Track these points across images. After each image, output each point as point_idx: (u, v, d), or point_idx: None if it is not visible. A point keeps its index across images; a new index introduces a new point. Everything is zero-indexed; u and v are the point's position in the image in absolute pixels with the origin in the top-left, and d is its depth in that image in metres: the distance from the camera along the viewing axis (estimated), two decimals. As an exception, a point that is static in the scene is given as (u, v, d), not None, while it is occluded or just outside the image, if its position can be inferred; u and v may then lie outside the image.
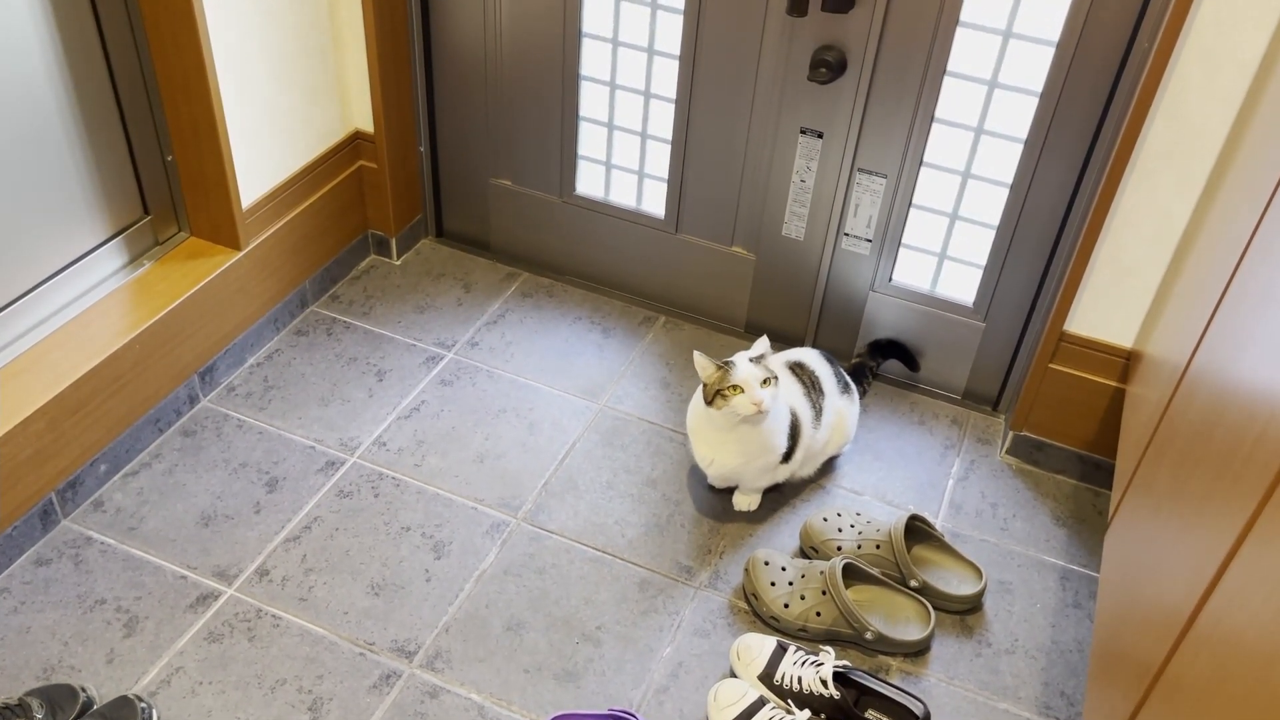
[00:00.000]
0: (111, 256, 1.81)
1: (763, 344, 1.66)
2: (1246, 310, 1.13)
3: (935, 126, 1.80)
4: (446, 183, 2.28)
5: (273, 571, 1.65)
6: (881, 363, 2.06)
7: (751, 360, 1.62)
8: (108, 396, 1.70)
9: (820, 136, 1.88)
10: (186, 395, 1.88)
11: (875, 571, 1.64)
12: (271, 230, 1.97)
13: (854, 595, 1.62)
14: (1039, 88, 1.69)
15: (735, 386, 1.59)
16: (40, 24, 1.56)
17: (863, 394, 1.97)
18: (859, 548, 1.68)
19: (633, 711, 1.45)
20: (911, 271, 1.99)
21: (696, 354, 1.61)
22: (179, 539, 1.68)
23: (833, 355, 1.90)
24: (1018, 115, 1.74)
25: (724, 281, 2.14)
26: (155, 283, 1.83)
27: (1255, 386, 0.99)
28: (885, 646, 1.59)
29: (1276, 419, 0.88)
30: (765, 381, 1.60)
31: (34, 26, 1.55)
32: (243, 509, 1.74)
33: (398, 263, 2.28)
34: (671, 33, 1.89)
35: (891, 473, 1.90)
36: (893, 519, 1.71)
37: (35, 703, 1.37)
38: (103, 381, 1.68)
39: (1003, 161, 1.79)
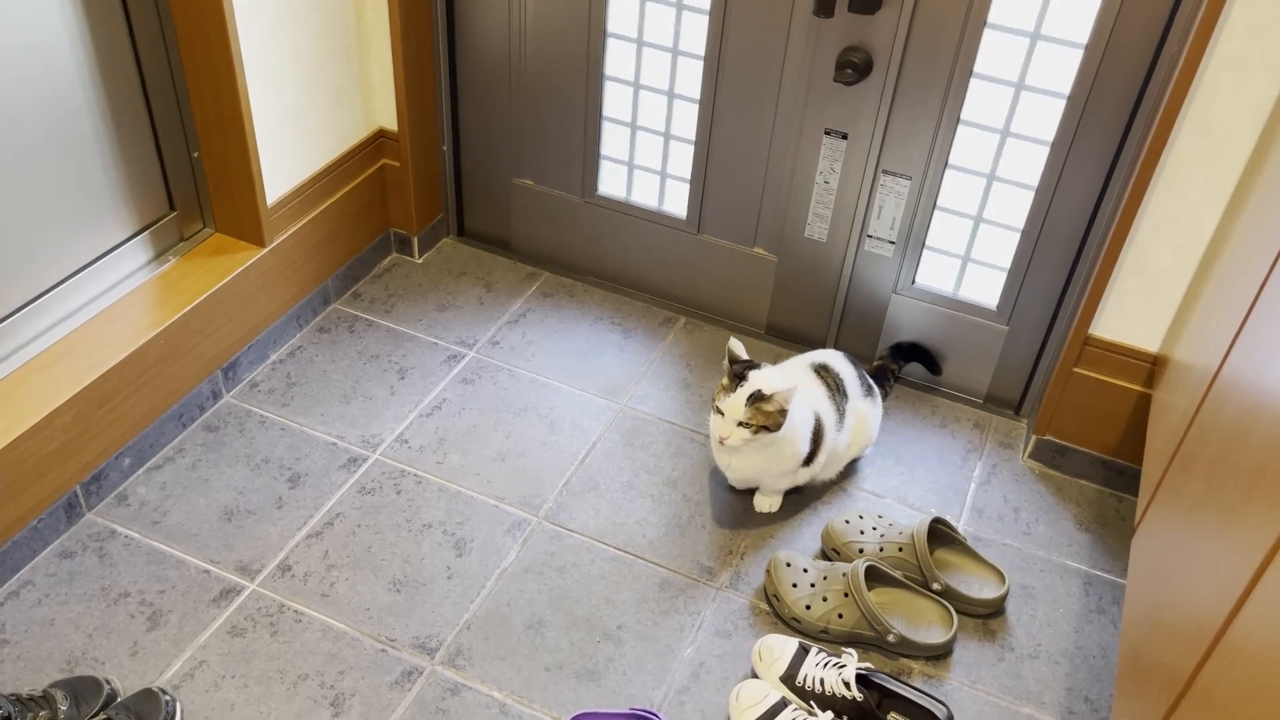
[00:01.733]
0: (137, 252, 1.82)
1: (790, 388, 1.55)
2: (1278, 318, 1.13)
3: (961, 128, 1.79)
4: (469, 182, 2.28)
5: (295, 567, 1.65)
6: (903, 366, 2.05)
7: (753, 398, 1.56)
8: (133, 391, 1.71)
9: (845, 138, 1.88)
10: (210, 391, 1.89)
11: (897, 574, 1.63)
12: (295, 227, 1.98)
13: (876, 598, 1.61)
14: (1066, 90, 1.68)
15: (719, 408, 1.59)
16: (71, 21, 1.57)
17: (884, 397, 1.97)
18: (881, 550, 1.68)
19: (655, 711, 1.45)
20: (935, 274, 1.98)
21: (732, 341, 1.61)
22: (202, 533, 1.69)
23: (855, 358, 1.89)
24: (1044, 118, 1.73)
25: (745, 283, 2.13)
26: (180, 279, 1.83)
27: None
28: (907, 649, 1.58)
29: None
30: (745, 425, 1.57)
31: (65, 23, 1.56)
32: (265, 505, 1.74)
33: (419, 261, 2.29)
34: (696, 33, 1.89)
35: (913, 476, 1.89)
36: (914, 522, 1.70)
37: (59, 694, 1.38)
38: (128, 376, 1.69)
39: (1028, 164, 1.79)
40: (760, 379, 1.60)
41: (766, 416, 1.57)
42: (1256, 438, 1.04)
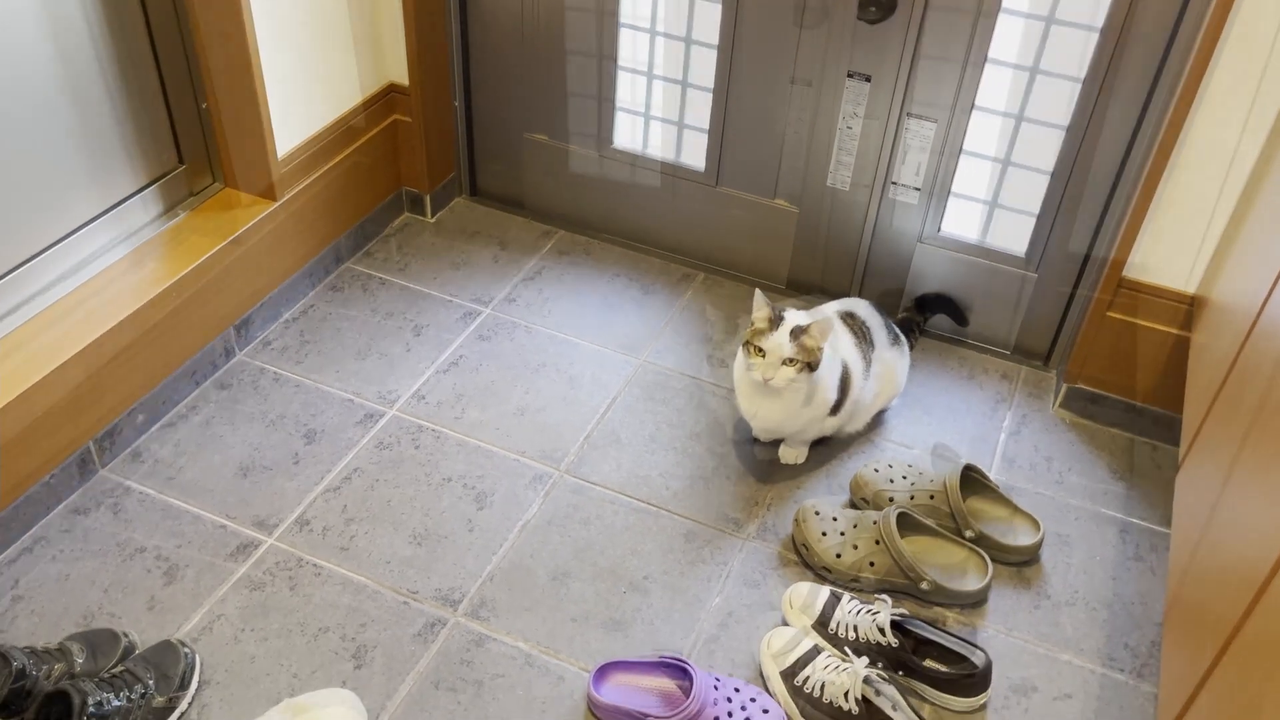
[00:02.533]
0: (145, 206, 1.78)
1: (828, 309, 1.57)
2: None
3: (988, 68, 1.74)
4: (481, 138, 2.24)
5: (313, 521, 1.62)
6: (929, 318, 2.01)
7: (795, 332, 1.55)
8: (144, 345, 1.67)
9: (868, 80, 1.83)
10: (222, 348, 1.85)
11: (930, 522, 1.59)
12: (306, 182, 1.94)
13: (907, 546, 1.57)
14: (1100, 22, 1.63)
15: (759, 349, 1.55)
16: (75, -39, 1.53)
17: (910, 349, 1.92)
18: (912, 498, 1.64)
19: (684, 657, 1.41)
20: (961, 222, 1.94)
21: (758, 293, 1.57)
22: (217, 489, 1.65)
23: (881, 308, 1.85)
24: (1077, 53, 1.68)
25: (766, 236, 2.09)
26: (190, 233, 1.80)
27: None
28: (941, 597, 1.54)
29: None
30: (790, 361, 1.54)
31: (69, -37, 1.52)
32: (281, 460, 1.71)
33: (432, 220, 2.25)
34: (715, -25, 1.84)
35: (942, 427, 1.85)
36: (946, 470, 1.66)
37: (76, 647, 1.35)
38: (139, 329, 1.65)
39: (1059, 103, 1.74)
40: (796, 316, 1.56)
41: (808, 353, 1.54)
42: None
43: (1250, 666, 0.89)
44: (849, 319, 1.74)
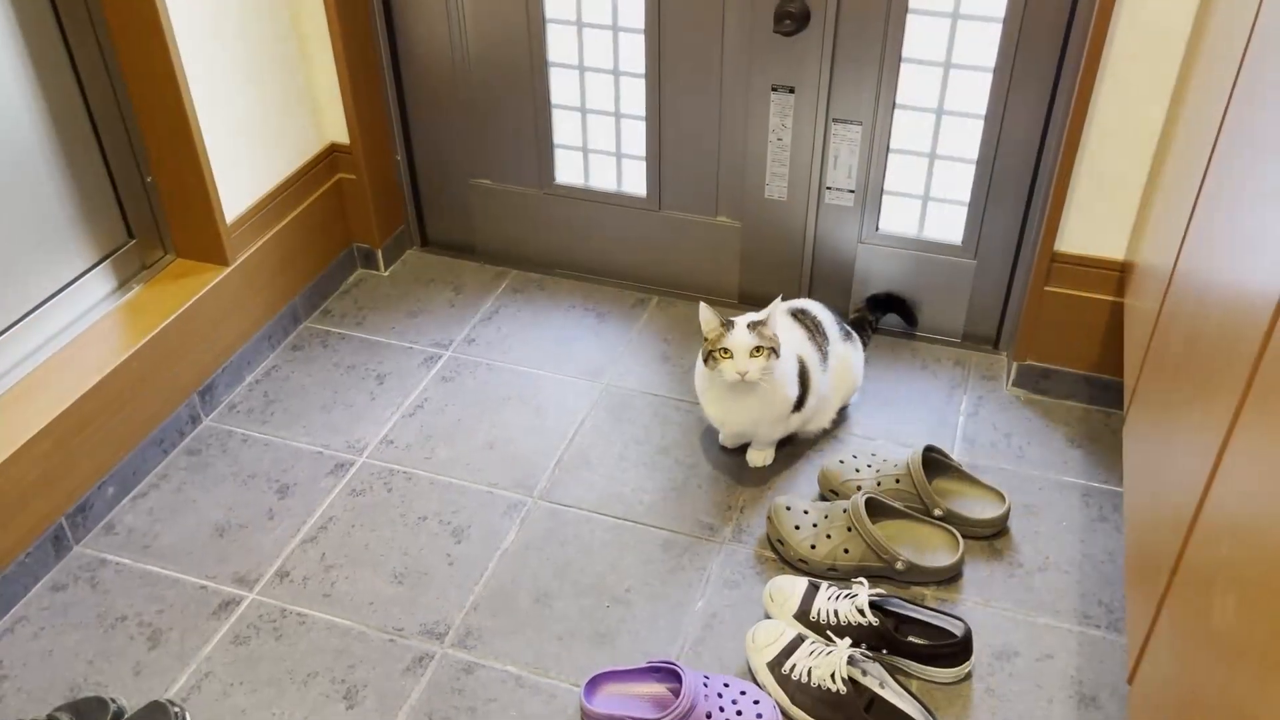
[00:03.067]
0: (99, 282, 1.80)
1: (775, 305, 1.63)
2: (1217, 207, 1.15)
3: (904, 67, 1.82)
4: (426, 188, 2.28)
5: (293, 572, 1.62)
6: (881, 317, 2.06)
7: (751, 326, 1.61)
8: (109, 416, 1.69)
9: (792, 91, 1.90)
10: (188, 415, 1.87)
11: (898, 505, 1.63)
12: (257, 245, 1.97)
13: (879, 530, 1.60)
14: (1001, 13, 1.71)
15: (725, 350, 1.59)
16: (10, 53, 1.56)
17: (864, 346, 1.97)
18: (879, 484, 1.67)
19: (673, 660, 1.43)
20: (897, 218, 2.00)
21: (702, 306, 1.61)
22: (195, 551, 1.66)
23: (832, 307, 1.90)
24: (984, 44, 1.76)
25: (713, 253, 2.14)
26: (146, 304, 1.82)
27: (1228, 283, 1.00)
28: (917, 576, 1.57)
29: (1248, 313, 0.89)
30: (756, 351, 1.59)
31: (4, 56, 1.55)
32: (256, 517, 1.72)
33: (385, 274, 2.28)
34: (634, 7, 1.91)
35: (902, 416, 1.89)
36: (908, 453, 1.70)
37: (64, 717, 1.35)
38: (103, 401, 1.67)
39: (974, 93, 1.81)
40: (745, 317, 1.62)
41: (768, 339, 1.60)
42: (1210, 326, 1.06)
43: (1192, 595, 0.94)
44: (801, 316, 1.79)
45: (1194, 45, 1.50)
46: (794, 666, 1.41)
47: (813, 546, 1.59)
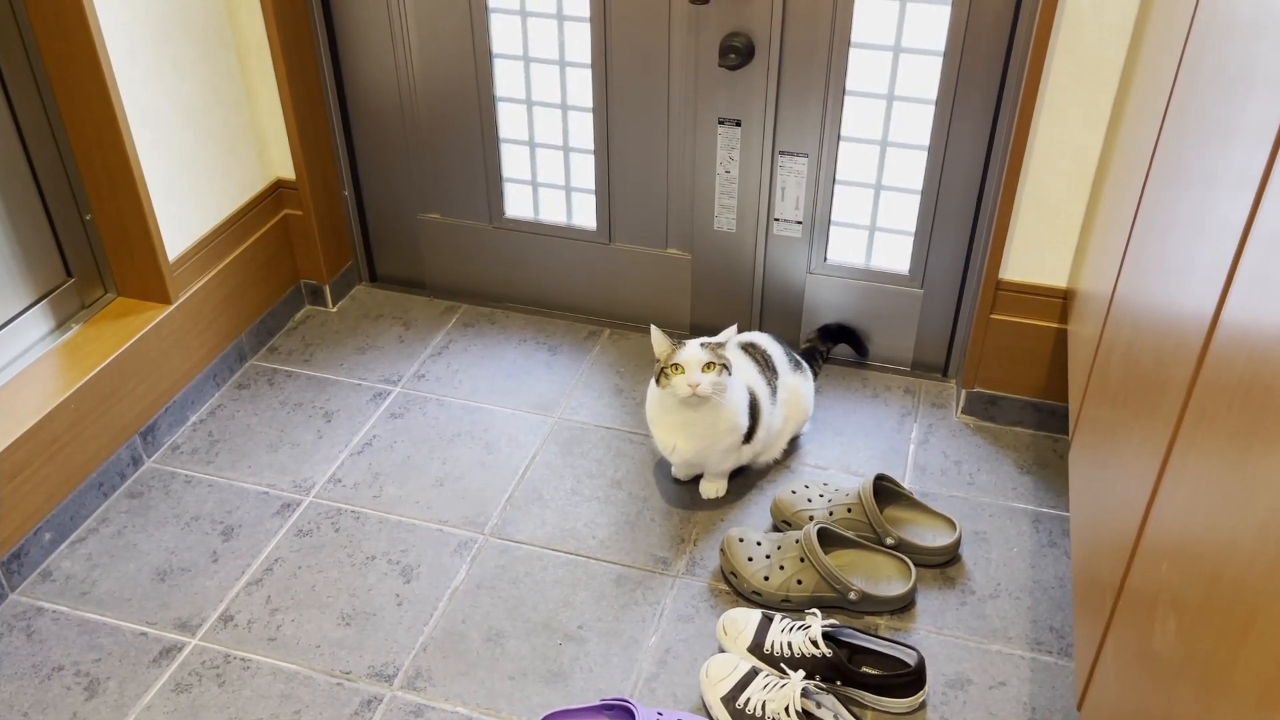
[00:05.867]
0: (36, 323, 1.76)
1: (729, 332, 1.65)
2: (1149, 234, 1.17)
3: (848, 99, 1.84)
4: (375, 224, 2.27)
5: (237, 616, 1.59)
6: (832, 347, 2.07)
7: (704, 344, 1.61)
8: (45, 461, 1.64)
9: (739, 125, 1.91)
10: (129, 457, 1.82)
11: (850, 534, 1.63)
12: (200, 283, 1.94)
13: (832, 560, 1.60)
14: (941, 47, 1.74)
15: (677, 365, 1.59)
16: (-58, 85, 1.54)
17: (815, 375, 1.98)
18: (831, 514, 1.67)
19: (626, 697, 1.41)
20: (845, 249, 2.02)
21: (653, 327, 1.61)
22: (134, 597, 1.61)
23: (780, 337, 1.91)
24: (925, 77, 1.79)
25: (663, 285, 2.15)
26: (85, 344, 1.78)
27: (1162, 308, 1.02)
28: (870, 606, 1.57)
29: (1181, 338, 0.91)
30: (709, 366, 1.59)
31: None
32: (199, 560, 1.68)
33: (334, 310, 2.26)
34: (580, 41, 1.92)
35: (853, 445, 1.90)
36: (859, 482, 1.70)
37: (-5, 773, 1.30)
38: (39, 445, 1.62)
39: (917, 125, 1.84)
40: (698, 340, 1.63)
41: (720, 356, 1.60)
42: (1146, 351, 1.07)
43: (1135, 617, 0.94)
44: (751, 349, 1.79)
45: (1128, 76, 1.53)
46: (748, 701, 1.39)
47: (766, 578, 1.58)
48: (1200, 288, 0.88)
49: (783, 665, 1.44)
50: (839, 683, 1.44)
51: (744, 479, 1.82)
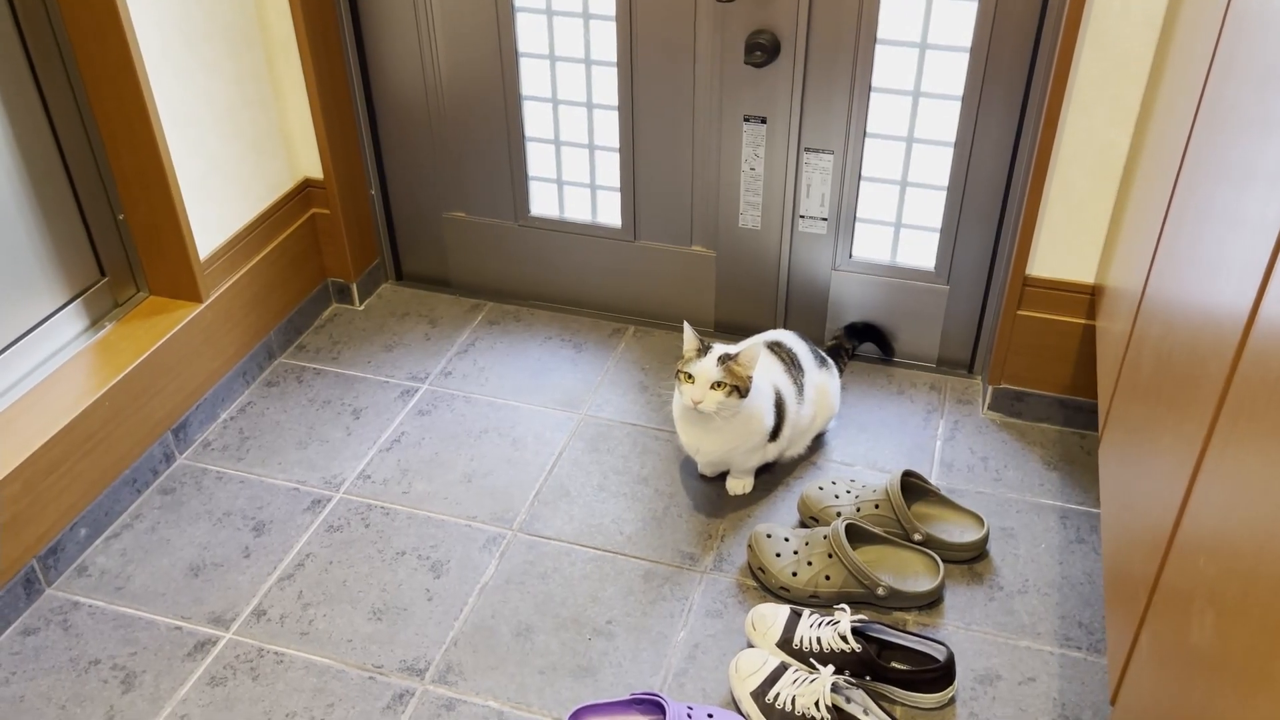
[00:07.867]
0: (70, 321, 1.78)
1: (756, 344, 1.60)
2: (1182, 230, 1.17)
3: (874, 96, 1.84)
4: (401, 223, 2.28)
5: (270, 611, 1.60)
6: (858, 345, 2.07)
7: (722, 360, 1.60)
8: (81, 457, 1.66)
9: (764, 122, 1.92)
10: (162, 454, 1.85)
11: (878, 531, 1.63)
12: (230, 281, 1.96)
13: (860, 556, 1.60)
14: (968, 43, 1.74)
15: (689, 375, 1.60)
16: (-20, 87, 1.56)
17: (840, 373, 1.98)
18: (858, 510, 1.68)
19: (656, 692, 1.42)
20: (870, 245, 2.02)
21: (686, 326, 1.62)
22: (169, 592, 1.64)
23: (805, 335, 1.91)
24: (952, 73, 1.78)
25: (688, 282, 2.15)
26: (118, 342, 1.80)
27: (1196, 304, 1.02)
28: (898, 601, 1.57)
29: (1216, 334, 0.91)
30: (718, 386, 1.59)
31: (-26, 90, 1.55)
32: (232, 555, 1.70)
33: (360, 308, 2.27)
34: (606, 40, 1.93)
35: (879, 442, 1.90)
36: (886, 479, 1.71)
37: (36, 765, 1.32)
38: (74, 441, 1.65)
39: (944, 121, 1.84)
40: (725, 348, 1.62)
41: (736, 378, 1.58)
42: (1180, 347, 1.07)
43: (1170, 615, 0.94)
44: (776, 348, 1.80)
45: (1157, 70, 1.53)
46: (778, 695, 1.40)
47: (794, 574, 1.58)
48: (1236, 283, 0.88)
49: (812, 660, 1.45)
50: (868, 678, 1.44)
51: (771, 475, 1.83)
